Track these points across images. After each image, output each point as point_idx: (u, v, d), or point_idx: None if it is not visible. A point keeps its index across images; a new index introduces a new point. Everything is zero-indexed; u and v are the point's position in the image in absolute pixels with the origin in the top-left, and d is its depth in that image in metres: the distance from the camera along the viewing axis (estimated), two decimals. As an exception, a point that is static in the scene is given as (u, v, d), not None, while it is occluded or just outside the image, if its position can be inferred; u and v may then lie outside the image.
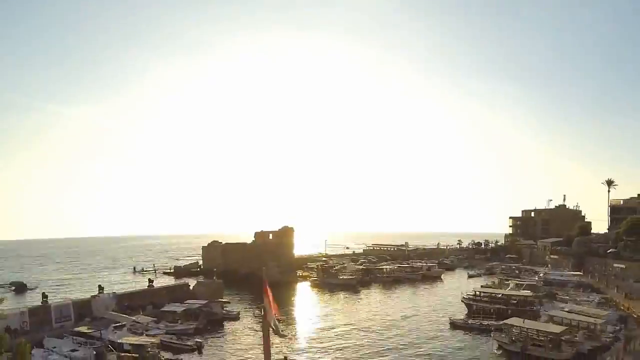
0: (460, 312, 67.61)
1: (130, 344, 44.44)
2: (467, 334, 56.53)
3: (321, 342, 53.36)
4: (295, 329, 61.74)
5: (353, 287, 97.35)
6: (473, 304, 68.84)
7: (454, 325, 60.16)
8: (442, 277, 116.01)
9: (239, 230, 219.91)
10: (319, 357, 47.39)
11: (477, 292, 73.17)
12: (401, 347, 51.28)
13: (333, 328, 60.69)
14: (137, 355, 42.22)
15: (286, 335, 49.83)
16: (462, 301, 72.76)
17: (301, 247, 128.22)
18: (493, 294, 71.83)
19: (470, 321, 59.48)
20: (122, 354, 42.89)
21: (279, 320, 14.67)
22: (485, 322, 57.03)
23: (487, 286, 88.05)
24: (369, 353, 48.79)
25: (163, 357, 43.79)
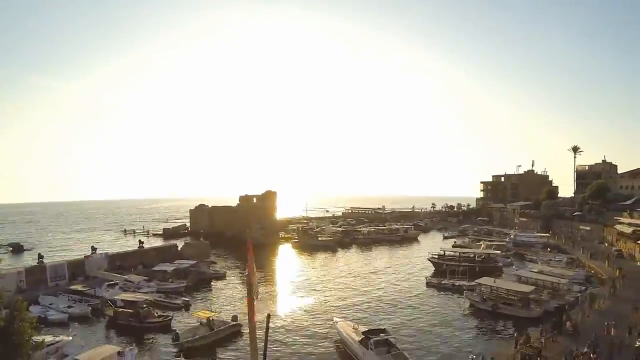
0: (436, 272, 68.19)
1: (123, 300, 44.91)
2: (441, 293, 56.93)
3: (302, 300, 53.64)
4: (277, 287, 61.98)
5: (332, 248, 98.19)
6: (441, 262, 69.83)
7: (429, 284, 60.64)
8: (418, 238, 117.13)
9: (225, 194, 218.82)
10: (301, 314, 47.52)
11: (444, 252, 74.20)
12: (379, 305, 51.47)
13: (313, 287, 60.96)
14: (132, 310, 42.46)
15: (258, 297, 49.89)
16: (429, 260, 73.69)
17: (283, 210, 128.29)
18: (459, 253, 73.29)
19: (444, 281, 59.93)
20: (118, 309, 43.50)
21: (259, 279, 14.25)
22: (458, 283, 57.48)
23: (457, 245, 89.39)
24: (348, 310, 48.95)
25: (156, 312, 43.94)
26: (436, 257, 73.43)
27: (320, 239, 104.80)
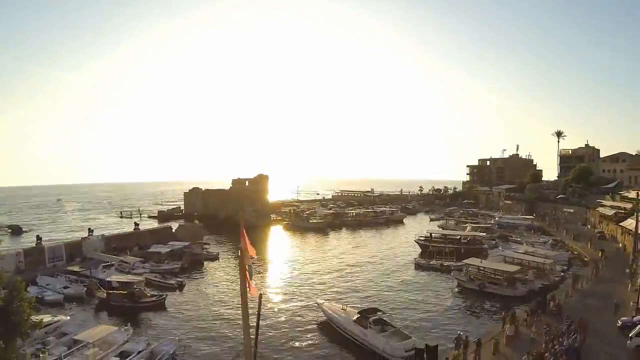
0: (422, 254, 68.14)
1: (118, 282, 44.81)
2: (429, 273, 57.00)
3: (293, 280, 53.67)
4: (269, 268, 61.84)
5: (322, 230, 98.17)
6: (427, 244, 69.83)
7: (418, 265, 60.72)
8: (404, 220, 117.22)
9: (218, 178, 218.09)
10: (292, 294, 47.49)
11: (431, 234, 74.28)
12: (368, 285, 51.51)
13: (304, 268, 60.90)
14: (125, 291, 42.12)
15: (251, 278, 49.73)
16: (415, 242, 73.79)
17: (275, 194, 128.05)
18: (445, 235, 73.61)
19: (432, 262, 60.03)
20: (111, 291, 43.24)
21: (252, 260, 14.18)
22: (447, 263, 57.58)
23: (445, 227, 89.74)
24: (338, 290, 48.95)
25: (149, 293, 43.87)
26: (423, 239, 73.53)
27: (311, 221, 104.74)
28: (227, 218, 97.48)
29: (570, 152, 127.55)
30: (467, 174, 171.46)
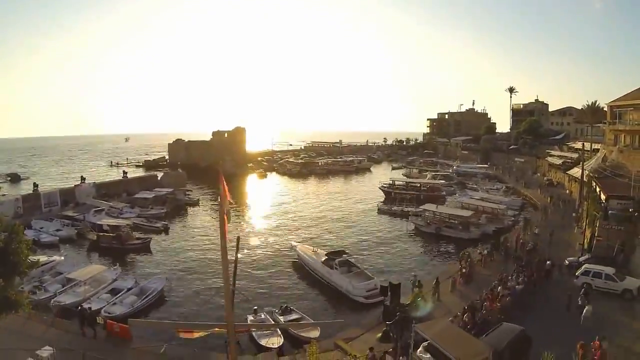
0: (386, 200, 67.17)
1: (108, 225, 44.60)
2: (390, 217, 56.18)
3: (269, 224, 53.63)
4: (246, 212, 61.64)
5: (294, 177, 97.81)
6: (391, 191, 68.90)
7: (380, 210, 59.66)
8: (370, 169, 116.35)
9: (199, 129, 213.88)
10: (268, 236, 47.34)
11: (394, 182, 73.14)
12: (336, 227, 51.08)
13: (278, 212, 60.87)
14: (114, 234, 42.13)
15: (229, 222, 48.62)
16: (380, 188, 72.65)
17: (252, 144, 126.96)
18: (407, 183, 72.77)
19: (394, 207, 58.91)
20: (101, 233, 43.30)
21: (230, 205, 14.05)
22: (407, 209, 56.38)
23: (409, 175, 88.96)
24: (310, 233, 48.54)
25: (135, 235, 44.00)
26: (386, 186, 72.39)
27: (284, 169, 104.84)
28: (207, 167, 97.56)
29: (521, 107, 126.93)
30: (428, 126, 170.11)
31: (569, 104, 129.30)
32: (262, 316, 25.17)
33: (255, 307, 25.69)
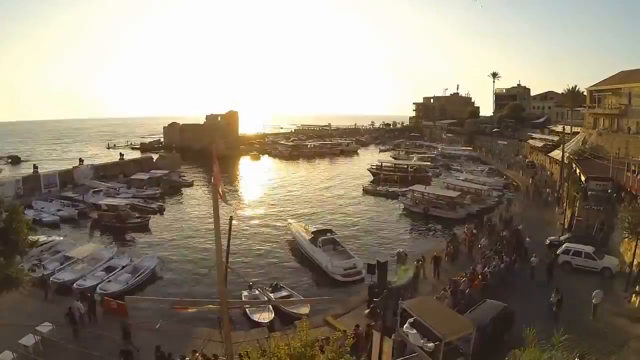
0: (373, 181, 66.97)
1: (107, 205, 44.53)
2: (377, 198, 56.06)
3: (258, 204, 53.79)
4: (238, 193, 61.82)
5: (285, 159, 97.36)
6: (378, 172, 68.45)
7: (366, 191, 59.48)
8: (358, 151, 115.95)
9: (194, 113, 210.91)
10: (260, 215, 47.53)
11: (382, 163, 72.92)
12: (324, 208, 50.90)
13: (270, 192, 60.91)
14: (114, 213, 42.46)
15: (229, 203, 48.37)
16: (367, 170, 72.40)
17: (245, 127, 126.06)
18: (394, 164, 72.50)
19: (379, 187, 58.81)
20: (102, 212, 43.68)
21: (225, 186, 13.54)
22: (392, 189, 56.30)
23: (396, 157, 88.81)
24: (298, 211, 48.71)
25: (135, 215, 43.96)
26: (374, 167, 71.99)
27: (275, 152, 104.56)
28: (201, 149, 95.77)
29: (504, 91, 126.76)
30: (414, 110, 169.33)
31: (550, 88, 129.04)
32: (257, 292, 25.24)
33: (251, 283, 25.78)
